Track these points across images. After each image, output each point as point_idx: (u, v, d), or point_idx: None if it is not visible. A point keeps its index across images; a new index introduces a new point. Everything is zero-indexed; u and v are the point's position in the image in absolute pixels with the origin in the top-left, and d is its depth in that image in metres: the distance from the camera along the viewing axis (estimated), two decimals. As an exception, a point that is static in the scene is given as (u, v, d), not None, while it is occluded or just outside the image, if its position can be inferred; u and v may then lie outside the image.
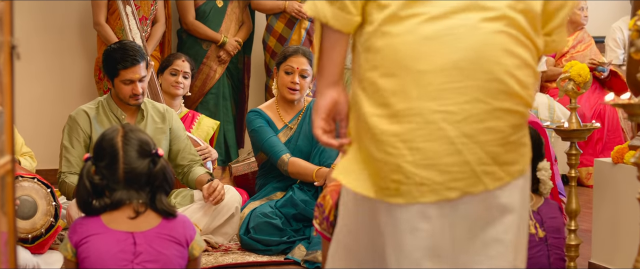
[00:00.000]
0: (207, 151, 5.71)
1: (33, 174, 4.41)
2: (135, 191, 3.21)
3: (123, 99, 5.02)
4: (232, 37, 7.04)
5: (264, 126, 5.32)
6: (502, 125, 2.46)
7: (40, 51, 7.32)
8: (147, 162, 3.23)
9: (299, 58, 5.30)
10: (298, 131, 5.37)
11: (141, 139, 3.26)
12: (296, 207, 5.10)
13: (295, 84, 5.28)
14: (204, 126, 6.10)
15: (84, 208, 3.24)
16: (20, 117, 6.82)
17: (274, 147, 5.25)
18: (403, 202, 2.47)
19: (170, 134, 5.18)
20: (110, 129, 3.29)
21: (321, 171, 5.11)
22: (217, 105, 7.07)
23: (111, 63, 4.98)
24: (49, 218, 4.30)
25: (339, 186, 3.21)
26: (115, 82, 5.00)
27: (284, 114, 5.42)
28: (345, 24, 2.54)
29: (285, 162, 5.18)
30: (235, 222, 5.15)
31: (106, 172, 3.21)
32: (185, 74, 6.06)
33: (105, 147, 3.23)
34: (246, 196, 5.76)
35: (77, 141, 5.00)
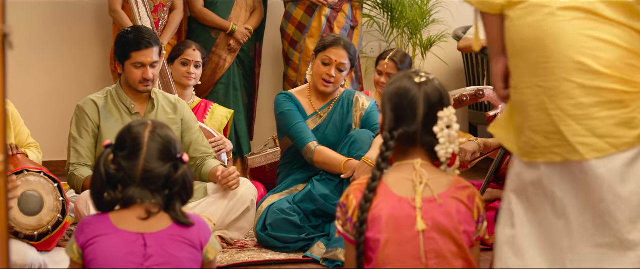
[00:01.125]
0: (221, 142, 5.56)
1: (40, 168, 4.24)
2: (150, 192, 3.01)
3: (132, 85, 4.85)
4: (242, 25, 6.86)
5: (293, 110, 5.14)
6: (595, 100, 2.80)
7: (56, 40, 7.23)
8: (168, 166, 3.04)
9: (339, 50, 5.10)
10: (327, 120, 5.20)
11: (169, 140, 3.07)
12: (315, 202, 4.91)
13: (330, 76, 5.10)
14: (218, 115, 5.95)
15: (95, 199, 3.05)
16: (34, 107, 6.96)
17: (301, 133, 5.07)
18: (527, 161, 2.94)
19: (182, 125, 5.02)
20: (138, 121, 3.10)
21: (350, 162, 4.91)
22: (228, 95, 6.90)
23: (124, 45, 4.83)
24: (56, 214, 4.13)
25: (363, 185, 3.03)
26: (126, 65, 4.84)
27: (315, 101, 5.24)
28: (491, 8, 3.03)
29: (312, 151, 5.00)
30: (251, 216, 4.98)
31: (124, 164, 3.02)
32: (197, 63, 5.90)
33: (130, 138, 3.04)
34: (263, 190, 5.60)
35: (85, 132, 4.83)
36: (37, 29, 7.18)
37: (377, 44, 7.80)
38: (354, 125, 5.18)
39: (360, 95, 5.26)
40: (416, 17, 7.42)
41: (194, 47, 5.91)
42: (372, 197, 2.99)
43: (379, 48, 7.74)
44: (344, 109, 5.19)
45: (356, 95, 5.25)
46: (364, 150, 4.94)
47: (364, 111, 5.19)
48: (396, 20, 7.47)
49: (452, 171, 3.09)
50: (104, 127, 4.81)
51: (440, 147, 3.05)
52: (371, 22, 7.69)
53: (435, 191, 3.01)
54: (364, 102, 5.23)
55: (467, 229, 2.99)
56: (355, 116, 5.19)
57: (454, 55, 7.80)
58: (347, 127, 5.16)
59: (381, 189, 3.01)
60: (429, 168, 3.07)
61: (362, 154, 4.90)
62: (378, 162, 3.03)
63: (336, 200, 4.81)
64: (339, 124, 5.16)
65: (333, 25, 6.81)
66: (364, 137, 5.00)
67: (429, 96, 3.05)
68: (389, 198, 3.00)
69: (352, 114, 5.19)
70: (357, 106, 5.21)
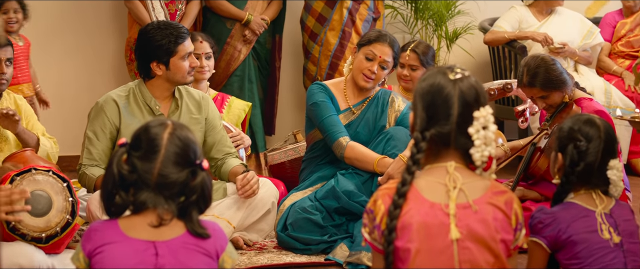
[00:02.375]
0: (239, 137, 5.40)
1: (48, 166, 4.04)
2: (164, 198, 2.79)
3: (181, 79, 4.67)
4: (258, 15, 6.68)
5: (326, 102, 4.97)
6: None
7: (70, 30, 7.14)
8: (186, 172, 2.82)
9: (384, 47, 4.94)
10: (361, 117, 5.04)
11: (189, 144, 2.86)
12: (338, 200, 4.73)
13: (372, 72, 4.93)
14: (235, 108, 5.80)
15: (106, 200, 2.84)
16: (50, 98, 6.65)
17: (333, 126, 4.90)
18: None
19: (206, 124, 4.85)
20: (158, 121, 2.89)
21: (385, 160, 4.75)
22: (242, 88, 6.73)
23: (167, 43, 4.61)
24: (65, 215, 3.94)
25: (392, 189, 2.82)
26: (172, 62, 4.63)
27: (350, 95, 5.08)
28: None
29: (343, 146, 4.84)
30: (272, 218, 4.83)
31: (139, 164, 2.81)
32: (207, 54, 5.70)
33: (146, 139, 2.84)
34: (283, 188, 5.42)
35: (102, 132, 4.66)
36: (53, 17, 7.09)
37: (401, 36, 7.65)
38: (387, 125, 5.03)
39: (396, 96, 5.11)
40: (441, 8, 7.32)
41: (200, 38, 5.70)
42: (401, 203, 2.78)
43: (402, 40, 7.56)
44: (378, 108, 5.04)
45: (392, 95, 5.10)
46: (399, 148, 4.80)
47: (399, 113, 5.04)
48: (420, 11, 7.37)
49: (488, 175, 2.87)
50: (124, 129, 4.64)
51: (475, 149, 2.83)
52: (394, 14, 7.56)
53: (470, 197, 2.80)
54: (400, 103, 5.08)
55: (504, 238, 2.79)
56: (389, 116, 5.04)
57: (480, 48, 7.68)
58: (380, 128, 5.01)
59: (411, 194, 2.81)
60: (464, 171, 2.85)
61: (397, 152, 4.76)
62: (408, 165, 2.83)
63: (361, 197, 4.70)
64: (372, 123, 5.01)
65: (355, 18, 6.69)
66: (401, 135, 4.86)
67: (464, 94, 2.84)
68: (420, 204, 2.79)
69: (387, 114, 5.04)
70: (392, 107, 5.06)
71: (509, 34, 6.98)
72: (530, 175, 4.96)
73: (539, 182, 4.93)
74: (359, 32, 6.64)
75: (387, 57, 4.92)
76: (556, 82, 4.70)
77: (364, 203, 4.61)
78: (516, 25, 7.08)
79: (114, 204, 2.83)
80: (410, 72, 5.66)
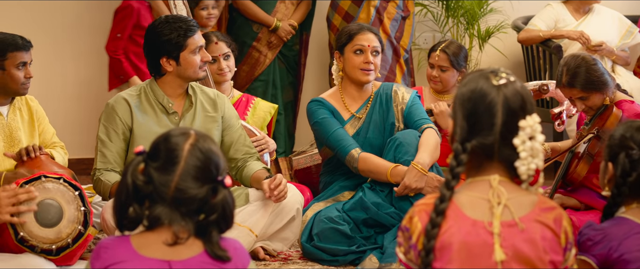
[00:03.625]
0: (263, 141, 5.16)
1: (60, 173, 3.85)
2: (180, 215, 2.56)
3: (193, 75, 4.48)
4: (286, 21, 6.51)
5: (328, 117, 4.79)
6: None
7: (91, 28, 7.01)
8: (206, 188, 2.58)
9: (368, 34, 4.81)
10: (367, 121, 4.84)
11: (211, 157, 2.61)
12: (367, 211, 4.54)
13: (369, 63, 4.77)
14: (260, 110, 5.57)
15: (118, 212, 2.62)
16: (63, 98, 6.84)
17: (341, 141, 4.71)
18: None
19: (223, 123, 4.65)
20: (179, 130, 2.65)
21: (397, 169, 4.54)
22: (266, 93, 6.55)
23: (176, 37, 4.43)
24: (77, 225, 3.77)
25: (430, 205, 2.58)
26: (182, 57, 4.44)
27: (350, 102, 4.89)
28: None
29: (355, 159, 4.65)
30: (296, 226, 4.63)
31: (155, 176, 2.58)
32: (225, 55, 5.44)
33: (166, 149, 2.60)
34: (309, 194, 5.22)
35: (115, 134, 4.46)
36: (70, 13, 6.97)
37: (431, 34, 7.45)
38: (397, 122, 4.84)
39: (398, 87, 4.92)
40: (473, 5, 7.13)
41: (215, 39, 5.46)
42: (440, 221, 2.55)
43: (432, 39, 7.39)
44: (383, 106, 4.86)
45: (394, 88, 4.91)
46: (410, 153, 4.60)
47: (404, 105, 4.84)
48: (451, 9, 7.18)
49: (536, 189, 2.63)
50: (137, 129, 4.45)
51: (521, 162, 2.59)
52: (424, 12, 7.36)
53: (516, 214, 2.56)
54: (404, 94, 4.88)
55: (553, 259, 2.55)
56: (396, 111, 4.85)
57: (513, 47, 7.47)
58: (390, 126, 4.82)
59: (451, 211, 2.57)
60: (508, 186, 2.61)
61: (409, 158, 4.57)
62: (447, 179, 2.58)
63: (390, 208, 4.53)
64: (381, 123, 4.82)
65: (382, 16, 6.52)
66: (409, 139, 4.65)
67: (509, 101, 2.60)
68: (461, 222, 2.55)
69: (393, 110, 4.84)
70: (396, 100, 4.86)
71: (544, 33, 6.77)
72: (569, 182, 4.74)
73: (578, 189, 4.72)
74: (387, 32, 6.48)
75: (374, 43, 4.80)
76: (597, 83, 4.52)
77: (393, 214, 4.50)
78: (552, 23, 6.85)
79: (127, 217, 2.60)
80: (439, 73, 5.48)
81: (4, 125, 4.54)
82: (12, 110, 4.59)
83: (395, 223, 4.47)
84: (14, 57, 4.45)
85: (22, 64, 4.47)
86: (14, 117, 4.58)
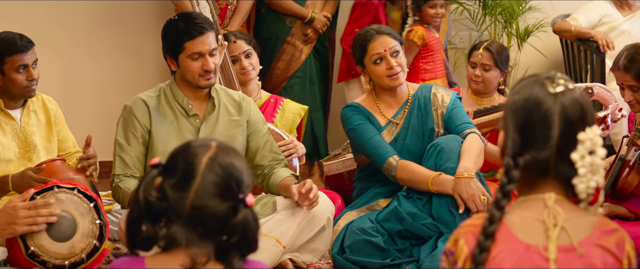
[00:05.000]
0: (292, 145, 4.93)
1: (73, 183, 3.64)
2: (198, 236, 2.30)
3: (192, 80, 4.26)
4: (320, 12, 6.32)
5: (364, 123, 4.56)
6: None
7: (112, 28, 6.91)
8: (226, 206, 2.33)
9: (380, 39, 4.56)
10: (405, 127, 4.60)
11: (232, 173, 2.36)
12: (402, 222, 4.30)
13: (391, 67, 4.51)
14: (289, 112, 5.33)
15: (130, 231, 2.38)
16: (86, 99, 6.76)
17: (377, 148, 4.48)
18: None
19: (248, 127, 4.43)
20: (199, 142, 2.41)
21: (440, 178, 4.29)
22: (304, 90, 6.37)
23: (174, 37, 4.25)
24: (92, 240, 3.55)
25: (477, 227, 2.33)
26: (180, 60, 4.25)
27: (385, 108, 4.66)
28: None
29: (393, 167, 4.42)
30: (327, 236, 4.39)
31: (171, 193, 2.33)
32: (246, 53, 5.23)
33: (183, 161, 2.36)
34: (340, 202, 4.97)
35: (133, 137, 4.27)
36: (92, 12, 6.85)
37: (467, 33, 7.29)
38: (436, 127, 4.60)
39: (437, 89, 4.68)
40: (512, 3, 6.95)
41: (234, 38, 5.26)
42: (489, 245, 2.29)
43: (469, 38, 7.27)
44: (421, 111, 4.62)
45: (433, 90, 4.66)
46: (452, 160, 4.35)
47: (444, 109, 4.60)
48: (489, 7, 7.02)
49: (595, 209, 2.36)
50: (155, 132, 4.25)
51: (579, 179, 2.33)
52: (461, 10, 7.18)
53: (575, 237, 2.30)
54: (444, 96, 4.64)
55: (614, 287, 2.29)
56: (435, 115, 4.61)
57: (553, 47, 7.29)
58: (429, 132, 4.58)
59: (501, 234, 2.31)
60: (565, 205, 2.35)
61: (451, 166, 4.32)
62: (497, 198, 2.32)
63: (426, 219, 4.29)
64: (419, 129, 4.58)
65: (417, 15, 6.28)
66: (452, 145, 4.40)
67: (567, 110, 2.34)
68: (513, 246, 2.30)
69: (432, 114, 4.60)
70: (435, 103, 4.62)
71: (575, 29, 6.58)
72: (619, 192, 4.46)
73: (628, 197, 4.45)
74: None
75: (390, 44, 4.54)
76: None
77: (430, 226, 4.26)
78: (595, 18, 6.61)
79: (140, 235, 2.35)
80: (482, 72, 5.27)
81: (18, 130, 4.38)
82: (26, 113, 4.44)
83: (433, 234, 4.23)
84: (12, 61, 4.29)
85: (23, 67, 4.31)
86: (28, 121, 4.42)
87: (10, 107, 4.39)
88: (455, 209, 4.20)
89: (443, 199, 4.26)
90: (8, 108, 4.39)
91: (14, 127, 4.36)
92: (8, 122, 4.37)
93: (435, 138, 4.52)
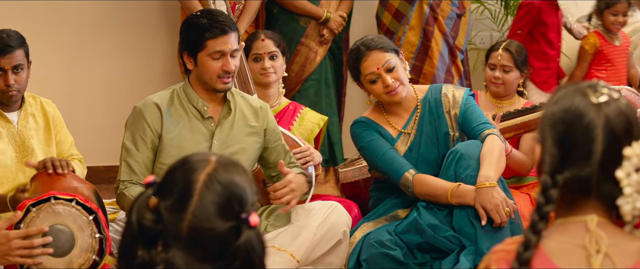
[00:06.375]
0: (308, 153, 4.73)
1: (72, 194, 3.46)
2: (197, 260, 2.07)
3: (209, 81, 4.05)
4: (335, 11, 6.13)
5: (375, 139, 4.37)
6: None
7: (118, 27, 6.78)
8: (227, 227, 2.09)
9: (372, 56, 4.29)
10: (418, 135, 4.40)
11: (233, 192, 2.12)
12: (422, 234, 4.10)
13: (388, 86, 4.28)
14: (308, 121, 5.14)
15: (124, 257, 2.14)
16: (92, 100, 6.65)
17: (392, 163, 4.29)
18: None
19: (265, 136, 4.25)
20: (197, 157, 2.17)
21: (459, 189, 4.08)
22: (319, 94, 6.16)
23: (196, 33, 4.03)
24: (91, 255, 3.41)
25: (511, 253, 2.12)
26: (199, 58, 4.04)
27: (395, 119, 4.45)
28: None
29: (410, 182, 4.23)
30: (343, 250, 4.22)
31: (167, 215, 2.10)
32: (272, 54, 5.04)
33: (180, 180, 2.13)
34: (357, 211, 4.78)
35: (142, 142, 4.06)
36: (96, 12, 6.73)
37: (488, 34, 7.16)
38: (451, 130, 4.38)
39: (447, 88, 4.46)
40: None
41: (263, 36, 5.09)
42: (525, 273, 2.08)
43: (489, 39, 7.13)
44: (433, 115, 4.41)
45: (443, 90, 4.45)
46: (472, 167, 4.14)
47: (457, 110, 4.39)
48: (511, 7, 6.91)
49: (642, 233, 2.15)
50: (166, 136, 4.05)
51: (624, 199, 2.10)
52: (481, 9, 7.08)
53: (620, 265, 2.08)
54: (455, 95, 4.42)
55: (663, 321, 2.08)
56: (448, 118, 4.39)
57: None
58: (444, 137, 4.38)
59: (538, 261, 2.09)
60: (609, 229, 2.12)
61: (472, 174, 4.11)
62: (533, 221, 2.10)
63: (448, 231, 4.08)
64: (433, 135, 4.38)
65: (437, 14, 6.15)
66: (471, 151, 4.19)
67: (612, 123, 2.11)
68: (550, 274, 2.09)
69: (444, 117, 4.39)
70: (446, 105, 4.41)
71: None
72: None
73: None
74: (443, 30, 6.11)
75: (383, 60, 4.26)
76: None
77: (451, 238, 4.05)
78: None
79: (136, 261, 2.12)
80: (502, 74, 5.11)
81: (15, 133, 4.21)
82: (23, 116, 4.26)
83: (454, 247, 4.03)
84: None
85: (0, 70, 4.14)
86: (25, 124, 4.25)
87: (6, 110, 4.23)
88: (477, 220, 4.00)
89: (464, 210, 4.06)
90: (4, 111, 4.23)
91: (10, 130, 4.20)
92: (4, 125, 4.20)
93: (451, 142, 4.33)
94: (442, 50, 6.08)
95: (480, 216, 3.99)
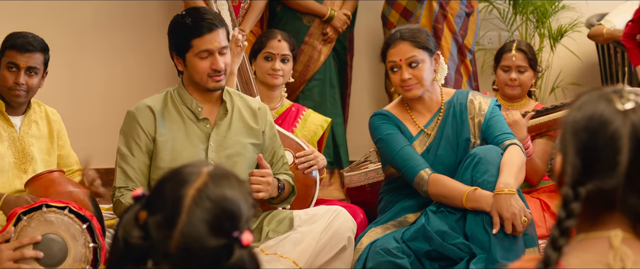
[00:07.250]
0: (312, 157, 4.65)
1: (65, 202, 3.35)
2: None
3: (200, 82, 3.98)
4: (339, 10, 6.03)
5: (394, 133, 4.24)
6: None
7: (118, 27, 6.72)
8: (218, 245, 1.95)
9: (401, 46, 4.21)
10: (438, 137, 4.27)
11: (224, 207, 1.98)
12: (430, 242, 3.96)
13: (405, 80, 4.19)
14: (311, 123, 5.05)
15: None
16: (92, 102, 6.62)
17: (408, 160, 4.16)
18: None
19: (263, 139, 4.16)
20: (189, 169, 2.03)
21: (475, 194, 3.95)
22: (323, 94, 6.07)
23: (180, 33, 3.99)
24: (85, 265, 3.36)
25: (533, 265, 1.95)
26: (188, 59, 3.98)
27: (417, 116, 4.33)
28: None
29: (425, 181, 4.09)
30: (348, 256, 4.10)
31: (155, 233, 1.96)
32: (284, 57, 5.00)
33: (168, 195, 1.99)
34: (362, 217, 4.67)
35: (136, 147, 3.98)
36: (96, 11, 6.67)
37: (497, 33, 7.03)
38: (472, 137, 4.25)
39: (475, 95, 4.34)
40: (544, 2, 6.73)
41: (280, 37, 5.03)
42: (545, 292, 1.94)
43: (498, 39, 7.01)
44: (456, 119, 4.29)
45: (470, 96, 4.33)
46: (491, 173, 3.99)
47: (482, 117, 4.26)
48: (520, 6, 6.79)
49: (668, 249, 2.00)
50: (160, 139, 3.96)
51: (651, 214, 1.96)
52: (490, 8, 6.96)
53: (646, 283, 1.95)
54: (481, 103, 4.29)
55: None
56: (471, 125, 4.27)
57: (588, 48, 7.03)
58: (464, 143, 4.25)
59: (559, 278, 1.96)
60: (635, 245, 1.99)
61: (490, 179, 3.97)
62: (554, 237, 1.96)
63: (457, 238, 3.96)
64: (453, 139, 4.25)
65: (446, 12, 6.06)
66: (491, 157, 4.04)
67: (639, 132, 1.96)
68: (572, 293, 1.94)
69: (468, 123, 4.27)
70: (472, 111, 4.28)
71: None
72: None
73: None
74: (453, 29, 6.02)
75: (408, 54, 4.17)
76: None
77: (461, 246, 3.92)
78: (632, 19, 6.31)
79: None
80: (518, 75, 5.00)
81: (16, 138, 4.13)
82: (27, 122, 4.19)
83: (464, 255, 3.89)
84: (6, 56, 4.11)
85: (13, 66, 4.09)
86: (27, 131, 4.17)
87: (10, 113, 4.17)
88: (491, 227, 3.87)
89: (478, 216, 3.92)
90: (9, 113, 4.17)
91: (12, 135, 4.12)
92: (6, 128, 4.13)
93: (470, 149, 4.19)
94: (451, 49, 5.99)
95: (493, 223, 3.87)
